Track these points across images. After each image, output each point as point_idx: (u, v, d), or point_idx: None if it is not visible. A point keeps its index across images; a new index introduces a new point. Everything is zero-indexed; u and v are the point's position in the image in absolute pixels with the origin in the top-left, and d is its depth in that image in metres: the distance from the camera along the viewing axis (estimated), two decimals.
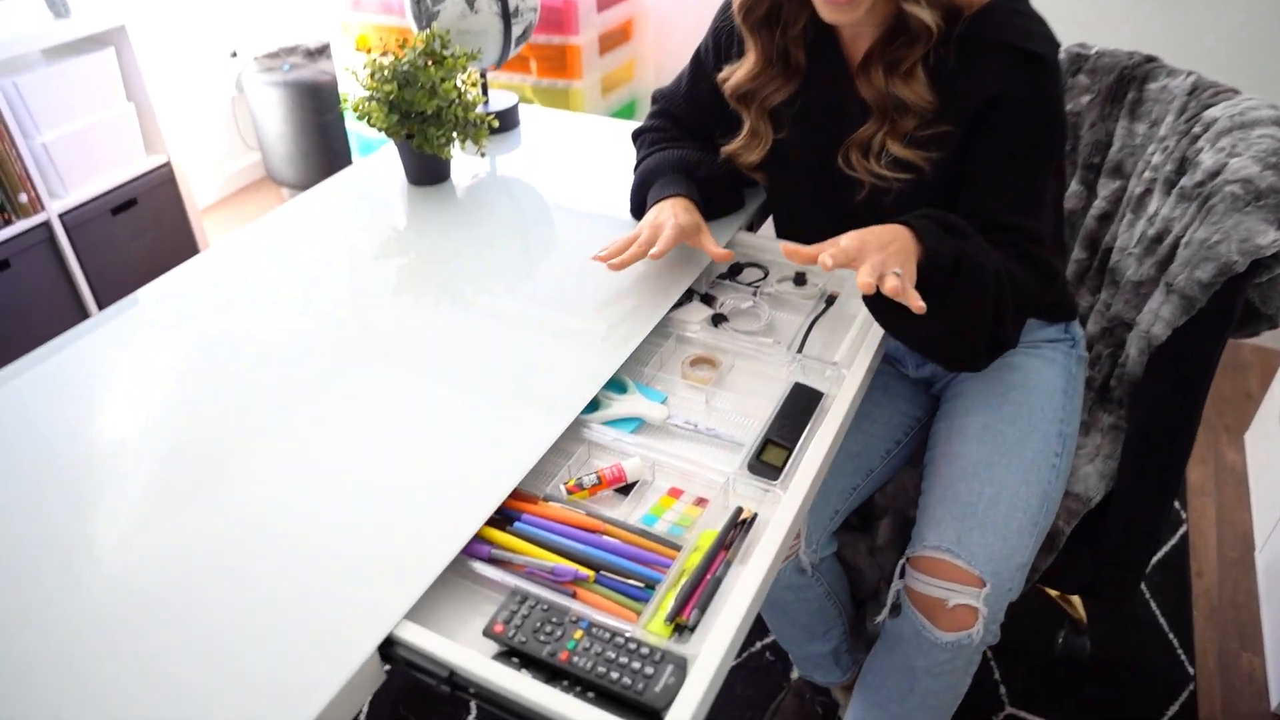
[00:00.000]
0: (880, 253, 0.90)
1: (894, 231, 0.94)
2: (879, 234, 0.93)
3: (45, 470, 0.91)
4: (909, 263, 0.91)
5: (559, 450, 0.94)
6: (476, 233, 1.30)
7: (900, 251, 0.92)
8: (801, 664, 1.42)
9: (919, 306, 0.86)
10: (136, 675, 0.70)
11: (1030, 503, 1.07)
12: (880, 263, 0.88)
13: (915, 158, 1.03)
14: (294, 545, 0.81)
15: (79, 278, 2.32)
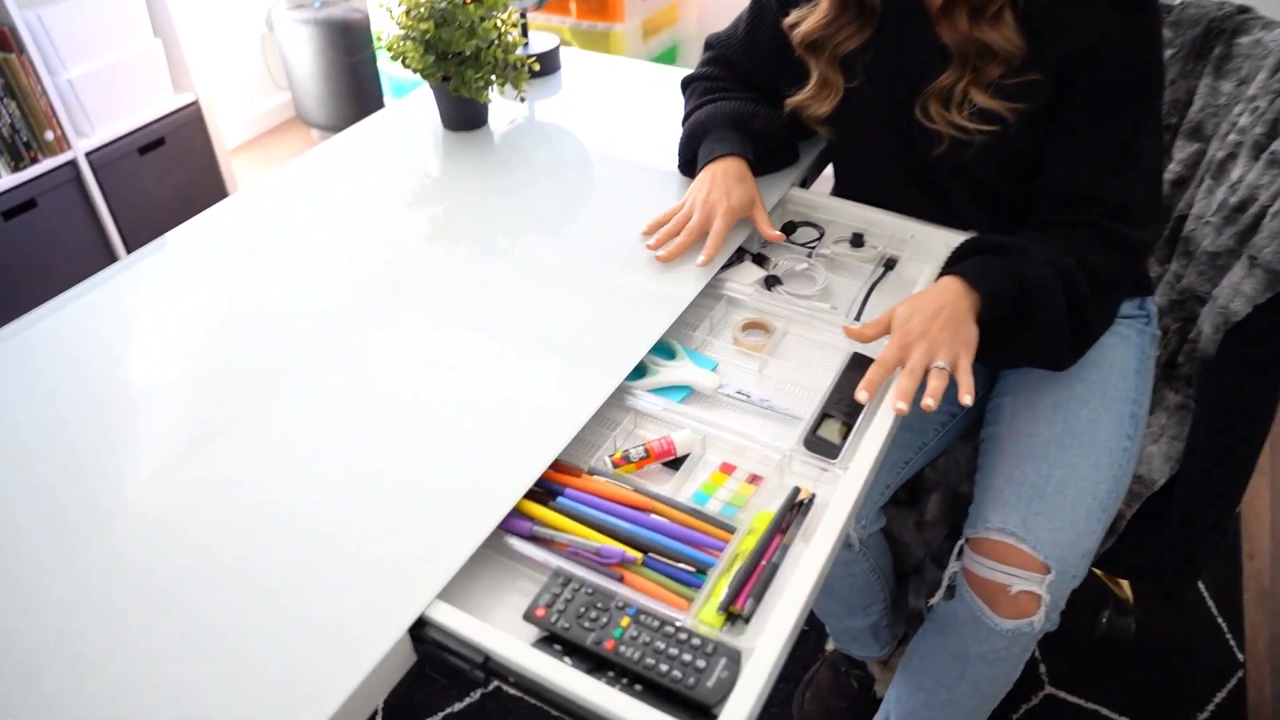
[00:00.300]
0: (925, 339, 0.87)
1: (941, 293, 0.92)
2: (927, 301, 0.91)
3: (74, 412, 0.88)
4: (964, 325, 0.89)
5: (603, 419, 0.89)
6: (514, 181, 1.23)
7: (951, 319, 0.89)
8: (838, 637, 1.38)
9: (966, 402, 0.84)
10: (161, 615, 0.69)
11: (1100, 487, 1.00)
12: (925, 354, 0.86)
13: (1001, 108, 0.95)
14: (317, 515, 0.77)
15: (106, 218, 2.28)
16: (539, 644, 0.69)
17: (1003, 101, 0.95)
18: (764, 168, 1.16)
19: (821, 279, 1.06)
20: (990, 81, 0.95)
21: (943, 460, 1.18)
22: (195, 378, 0.92)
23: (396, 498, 0.78)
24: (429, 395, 0.88)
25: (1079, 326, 0.96)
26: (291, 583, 0.71)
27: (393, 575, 0.71)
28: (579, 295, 1.01)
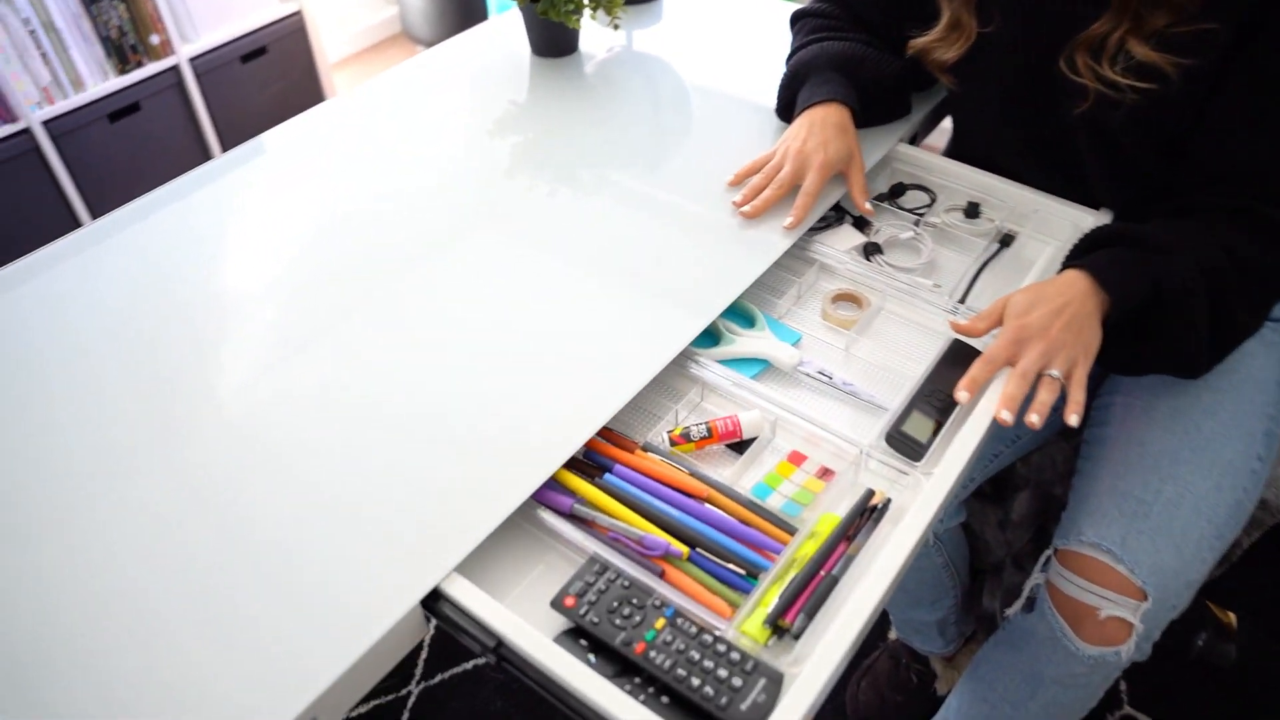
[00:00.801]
0: (1043, 338, 0.77)
1: (1066, 288, 0.80)
2: (1050, 295, 0.80)
3: (166, 309, 0.88)
4: (1087, 329, 0.79)
5: (667, 389, 0.82)
6: (601, 114, 1.15)
7: (1075, 320, 0.78)
8: (901, 627, 1.30)
9: (1072, 422, 0.76)
10: (200, 526, 0.66)
11: (1218, 511, 0.88)
12: (1040, 356, 0.77)
13: (1164, 63, 0.82)
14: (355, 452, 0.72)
15: (206, 124, 2.29)
16: (563, 636, 0.63)
17: (1167, 55, 0.81)
18: (870, 119, 1.04)
19: (927, 251, 0.95)
20: (1155, 31, 0.82)
21: (1036, 456, 1.07)
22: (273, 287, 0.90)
23: (430, 451, 0.73)
24: (481, 335, 0.83)
25: (1222, 331, 0.83)
26: (314, 529, 0.68)
27: (415, 539, 0.66)
28: (652, 246, 0.93)
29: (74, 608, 0.63)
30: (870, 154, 1.02)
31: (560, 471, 0.72)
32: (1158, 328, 0.82)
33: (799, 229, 0.93)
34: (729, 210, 0.95)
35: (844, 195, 0.98)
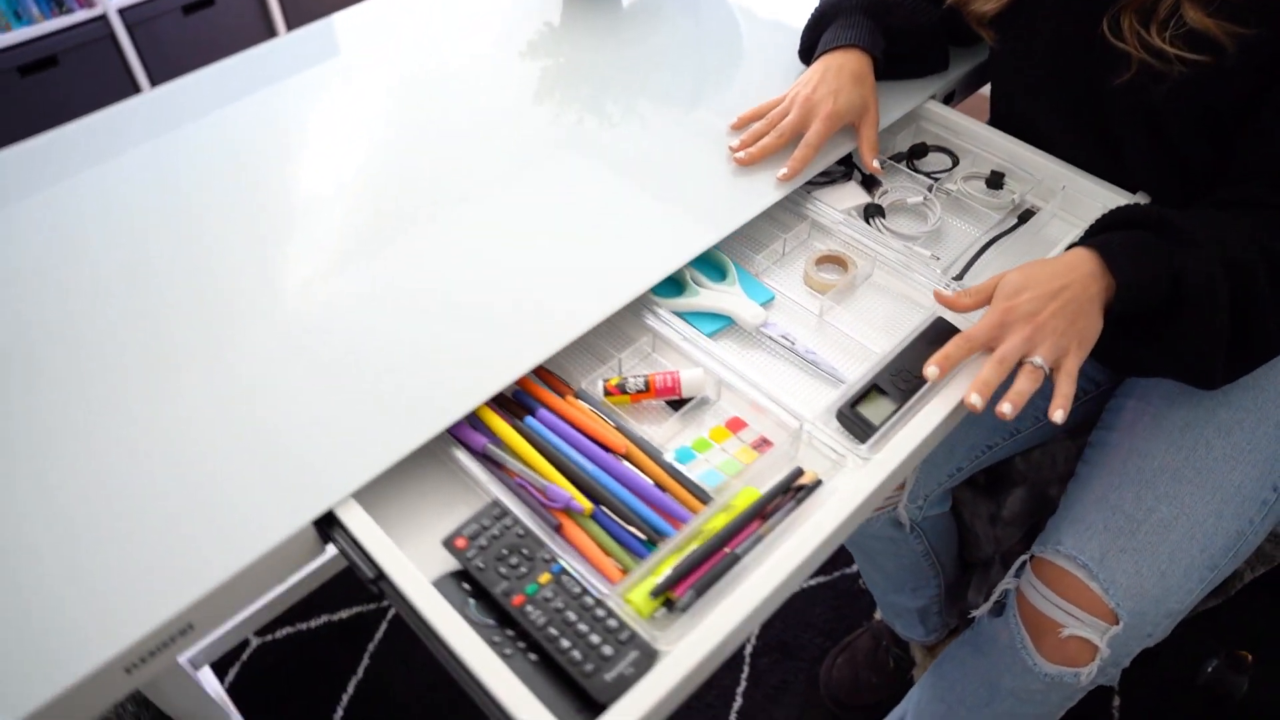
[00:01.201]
0: (1030, 323, 0.69)
1: (1068, 269, 0.72)
2: (1047, 275, 0.71)
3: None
4: (1084, 316, 0.70)
5: (619, 334, 0.78)
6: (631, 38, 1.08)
7: (1070, 305, 0.70)
8: (884, 609, 1.25)
9: (1056, 419, 0.69)
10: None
11: (1214, 540, 0.80)
12: (1023, 343, 0.69)
13: (1220, 32, 0.71)
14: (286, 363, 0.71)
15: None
16: (448, 578, 0.61)
17: (1224, 22, 0.71)
18: (898, 70, 0.95)
19: (934, 219, 0.87)
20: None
21: (1038, 453, 0.99)
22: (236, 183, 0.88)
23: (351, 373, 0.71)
24: (434, 257, 0.80)
25: (1245, 339, 0.74)
26: (222, 433, 0.67)
27: (320, 459, 0.65)
28: (635, 183, 0.87)
29: None
30: (894, 108, 0.94)
31: (483, 408, 0.69)
32: (1172, 326, 0.74)
33: (794, 181, 0.86)
34: (726, 154, 0.89)
35: (856, 150, 0.91)
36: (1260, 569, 0.90)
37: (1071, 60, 0.83)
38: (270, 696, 1.31)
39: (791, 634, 1.36)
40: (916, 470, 0.94)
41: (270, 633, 1.37)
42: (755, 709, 1.29)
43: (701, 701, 1.29)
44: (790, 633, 1.36)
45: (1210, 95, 0.75)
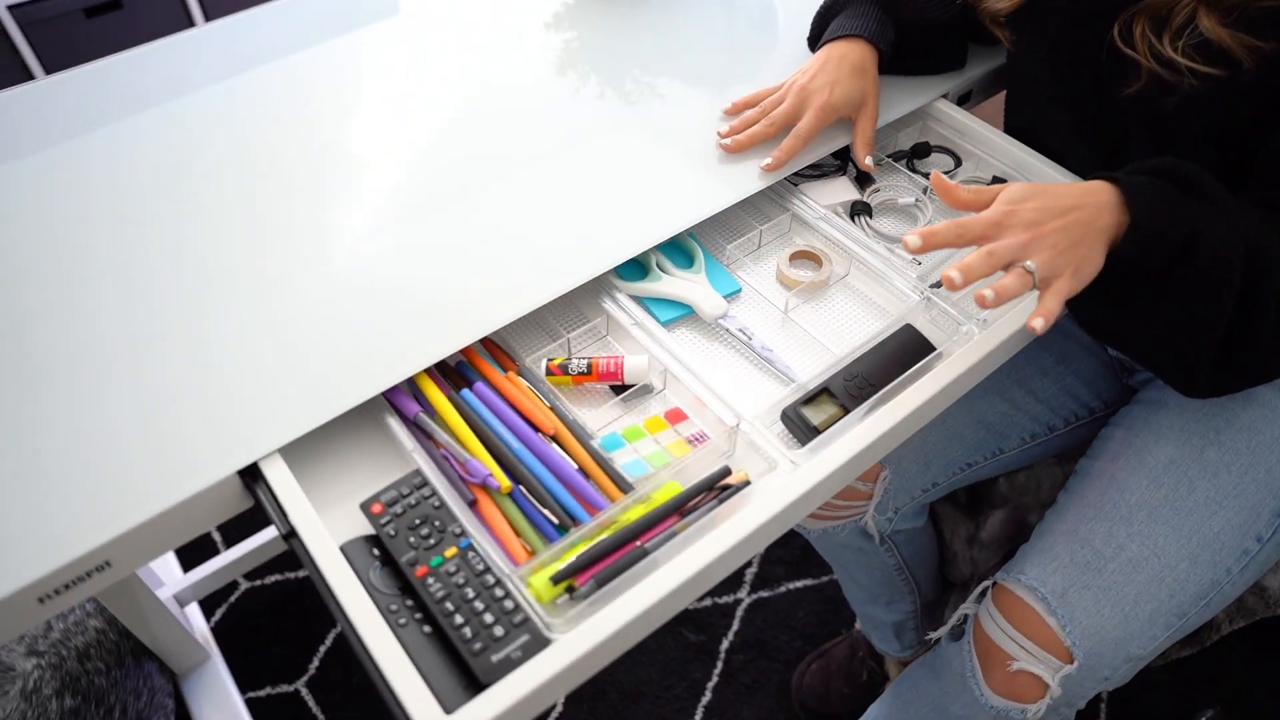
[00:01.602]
0: (1030, 231, 0.62)
1: (1084, 194, 0.65)
2: (1059, 194, 0.64)
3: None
4: (1087, 244, 0.63)
5: (575, 313, 0.77)
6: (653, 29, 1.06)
7: (1077, 228, 0.63)
8: (862, 620, 1.22)
9: (1035, 326, 0.61)
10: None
11: (1186, 588, 0.76)
12: (1018, 247, 0.61)
13: (1235, 43, 0.66)
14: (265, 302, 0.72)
15: None
16: (359, 541, 0.61)
17: (1240, 33, 0.66)
18: (909, 65, 0.91)
19: (924, 221, 0.84)
20: (1234, 5, 0.66)
21: (1022, 477, 0.96)
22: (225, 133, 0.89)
23: (296, 327, 0.71)
24: (404, 223, 0.80)
25: (1241, 341, 0.67)
26: (165, 370, 0.69)
27: (254, 410, 0.65)
28: (621, 161, 0.86)
29: None
30: (900, 104, 0.90)
31: (422, 376, 0.69)
32: (1171, 294, 0.66)
33: (779, 172, 0.83)
34: (712, 137, 0.87)
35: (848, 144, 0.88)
36: (1240, 621, 0.85)
37: (1081, 67, 0.78)
38: (252, 640, 1.34)
39: (771, 634, 1.34)
40: (886, 480, 0.90)
41: (259, 577, 1.40)
42: (724, 705, 1.27)
43: (670, 693, 1.28)
44: (770, 632, 1.34)
45: (1223, 110, 0.70)
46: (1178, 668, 0.89)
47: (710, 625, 1.35)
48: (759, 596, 1.38)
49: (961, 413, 0.90)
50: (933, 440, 0.90)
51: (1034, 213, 0.63)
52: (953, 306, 0.75)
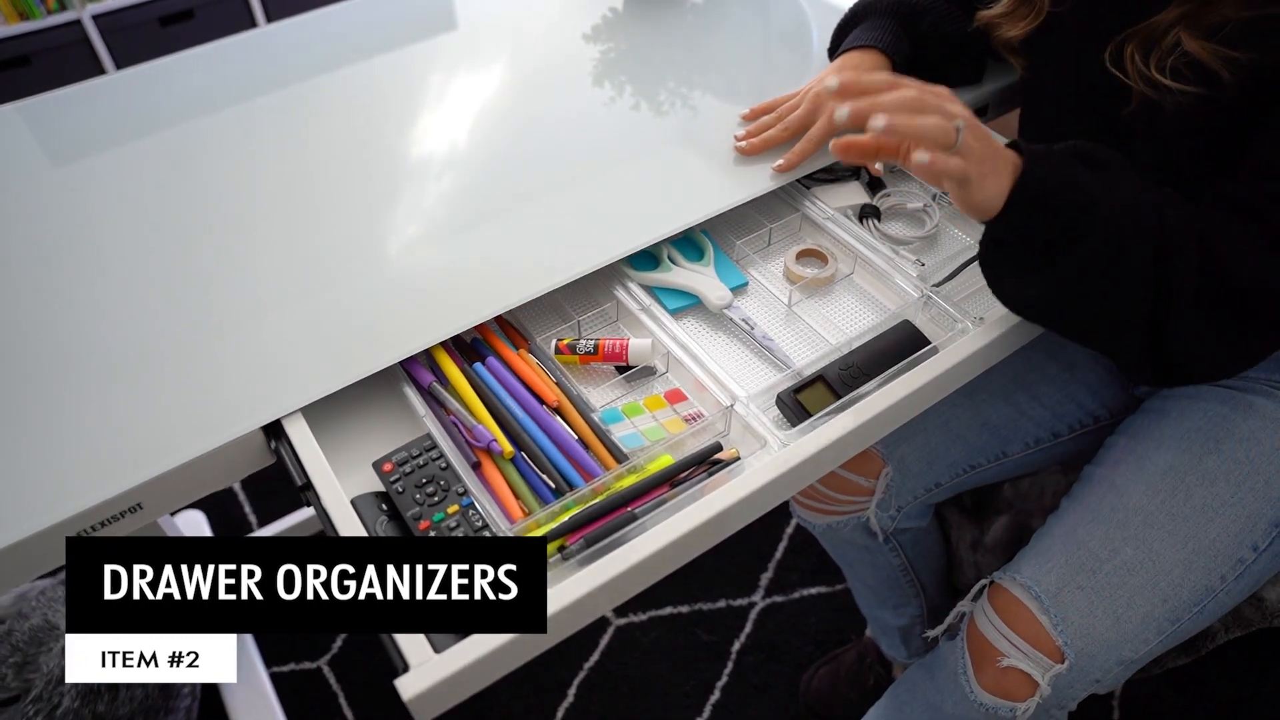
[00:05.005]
0: (937, 105, 0.63)
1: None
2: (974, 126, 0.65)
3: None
4: (993, 160, 0.65)
5: (587, 298, 0.81)
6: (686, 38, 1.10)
7: (989, 143, 0.65)
8: (871, 625, 1.24)
9: (917, 158, 0.61)
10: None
11: (1180, 593, 0.77)
12: (940, 117, 0.62)
13: (1212, 59, 0.68)
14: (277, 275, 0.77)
15: None
16: (369, 496, 0.65)
17: (1217, 48, 0.68)
18: (924, 77, 0.92)
19: (931, 224, 0.86)
20: (1215, 24, 0.68)
21: (1027, 483, 0.97)
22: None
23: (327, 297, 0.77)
24: (426, 204, 0.86)
25: (1167, 323, 0.67)
26: (199, 330, 0.74)
27: (280, 371, 0.71)
28: (641, 160, 0.90)
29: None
30: None
31: (437, 348, 0.73)
32: (1077, 262, 0.66)
33: (790, 174, 0.86)
34: (730, 139, 0.90)
35: None
36: (1236, 631, 0.85)
37: (1084, 90, 0.81)
38: None
39: (783, 637, 1.36)
40: (888, 477, 0.92)
41: None
42: (733, 704, 1.29)
43: (679, 690, 1.31)
44: (781, 636, 1.36)
45: (1211, 125, 0.72)
46: (1177, 679, 0.89)
47: (723, 626, 1.37)
48: (773, 601, 1.40)
49: (966, 414, 0.92)
50: (936, 439, 0.92)
51: (952, 102, 0.65)
52: (952, 305, 0.77)
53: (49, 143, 0.97)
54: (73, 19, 2.09)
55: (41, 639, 1.14)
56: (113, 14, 2.13)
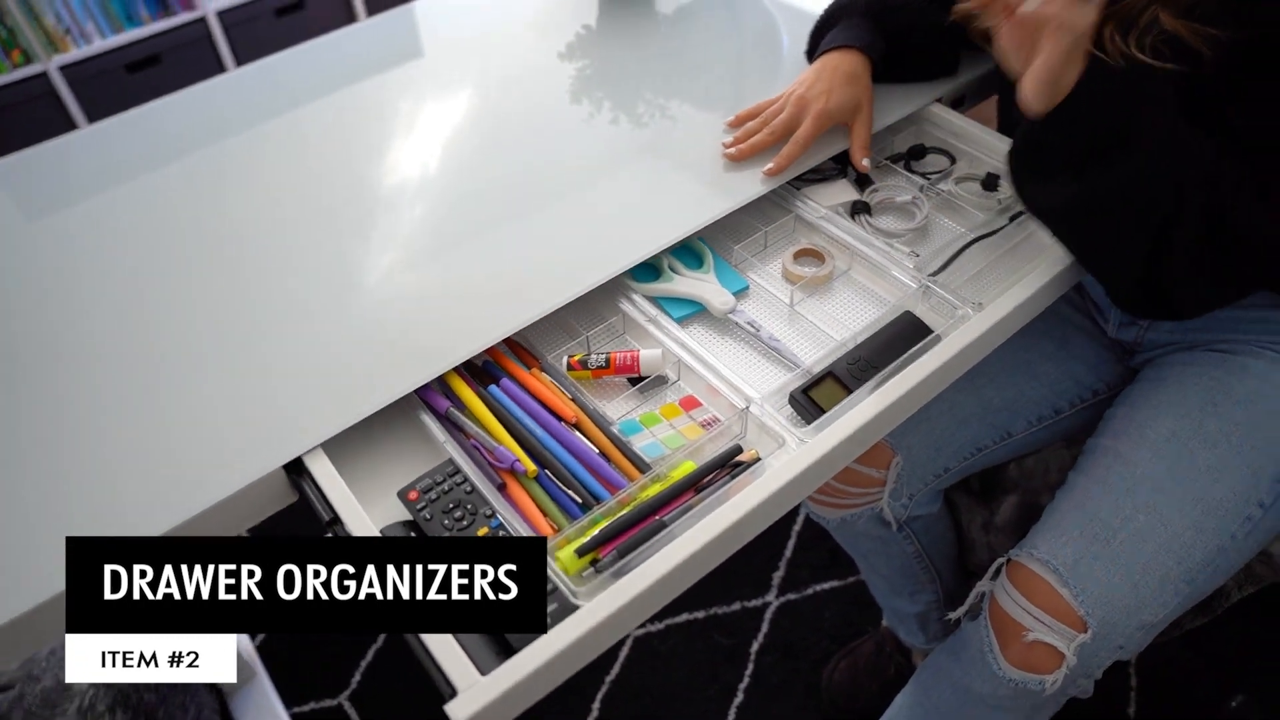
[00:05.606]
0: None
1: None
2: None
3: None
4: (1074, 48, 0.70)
5: (592, 313, 0.82)
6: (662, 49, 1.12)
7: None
8: (888, 615, 1.25)
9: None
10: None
11: (1193, 553, 0.79)
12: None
13: (1190, 34, 0.71)
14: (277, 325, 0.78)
15: None
16: (397, 525, 0.66)
17: (1194, 24, 0.70)
18: (900, 73, 0.96)
19: (920, 217, 0.88)
20: (1191, 2, 0.70)
21: (1031, 461, 0.98)
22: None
23: (334, 332, 0.77)
24: (426, 234, 0.87)
25: (1165, 256, 0.71)
26: (208, 379, 0.74)
27: (295, 410, 0.71)
28: (633, 172, 0.92)
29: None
30: (895, 110, 0.95)
31: (450, 374, 0.74)
32: (1111, 172, 0.70)
33: (780, 177, 0.88)
34: (719, 148, 0.92)
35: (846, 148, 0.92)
36: (1249, 588, 0.87)
37: None
38: (296, 657, 1.39)
39: (799, 635, 1.37)
40: (898, 466, 0.94)
41: None
42: (756, 706, 1.30)
43: (702, 695, 1.31)
44: (797, 633, 1.37)
45: (1197, 98, 0.74)
46: (1193, 640, 0.91)
47: (740, 629, 1.38)
48: (787, 599, 1.41)
49: (969, 399, 0.94)
50: (942, 426, 0.94)
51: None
52: (950, 293, 0.78)
53: (27, 200, 0.97)
54: (39, 71, 2.08)
55: (54, 701, 1.13)
56: (79, 64, 2.13)
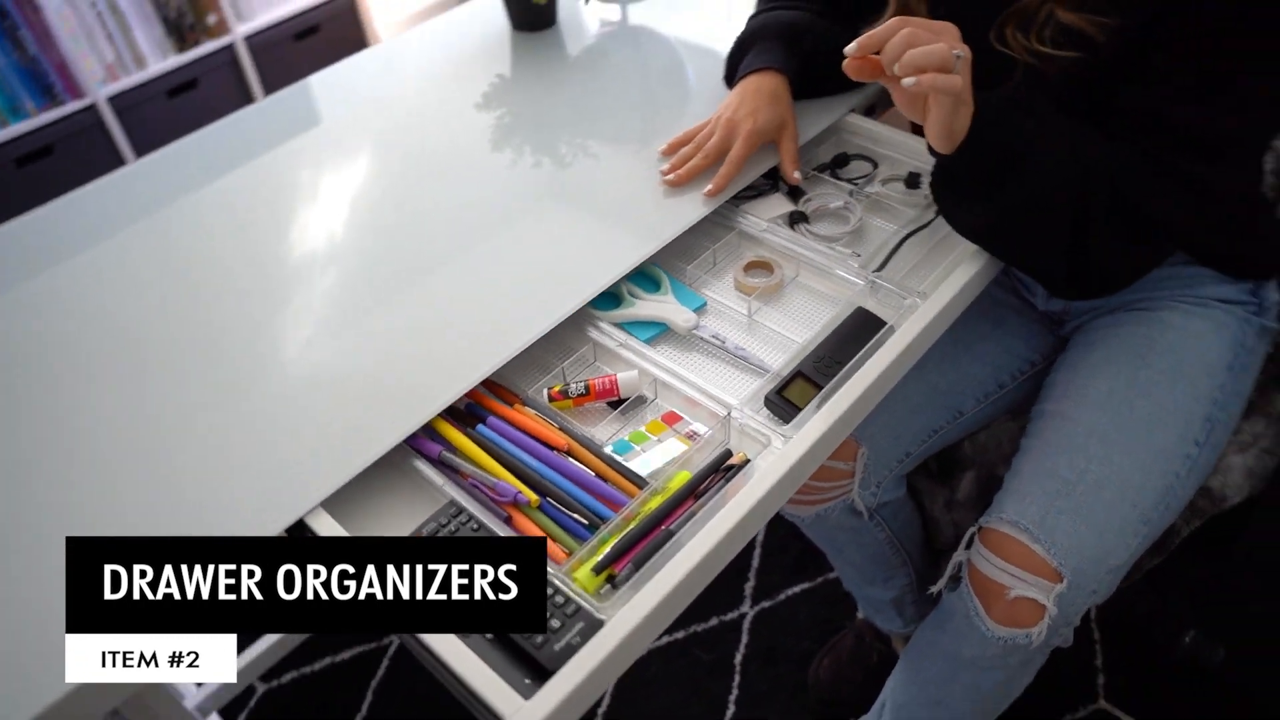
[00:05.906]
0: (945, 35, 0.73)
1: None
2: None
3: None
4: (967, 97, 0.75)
5: (562, 346, 0.84)
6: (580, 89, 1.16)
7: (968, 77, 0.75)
8: (863, 605, 1.29)
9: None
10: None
11: (1145, 495, 0.85)
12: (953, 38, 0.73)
13: (1087, 25, 0.79)
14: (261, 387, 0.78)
15: (260, 98, 2.40)
16: None
17: (1089, 15, 0.79)
18: (816, 90, 1.03)
19: (854, 220, 0.94)
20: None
21: (983, 436, 1.05)
22: None
23: (315, 392, 0.78)
24: (377, 283, 0.88)
25: (1083, 238, 0.80)
26: (196, 450, 0.74)
27: (288, 472, 0.71)
28: (579, 208, 0.95)
29: None
30: (816, 123, 1.01)
31: (436, 420, 0.75)
32: (1012, 192, 0.78)
33: (720, 197, 0.93)
34: (658, 178, 0.96)
35: (776, 164, 0.98)
36: (1195, 523, 0.94)
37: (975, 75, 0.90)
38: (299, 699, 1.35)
39: (779, 640, 1.40)
40: (865, 457, 0.98)
41: (275, 678, 1.41)
42: (747, 714, 1.32)
43: (693, 713, 1.33)
44: (777, 638, 1.40)
45: (1095, 81, 0.82)
46: (1152, 577, 0.98)
47: (721, 643, 1.40)
48: (762, 607, 1.44)
49: (919, 385, 0.99)
50: (898, 414, 0.99)
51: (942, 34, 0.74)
52: (895, 285, 0.84)
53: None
54: None
55: None
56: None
